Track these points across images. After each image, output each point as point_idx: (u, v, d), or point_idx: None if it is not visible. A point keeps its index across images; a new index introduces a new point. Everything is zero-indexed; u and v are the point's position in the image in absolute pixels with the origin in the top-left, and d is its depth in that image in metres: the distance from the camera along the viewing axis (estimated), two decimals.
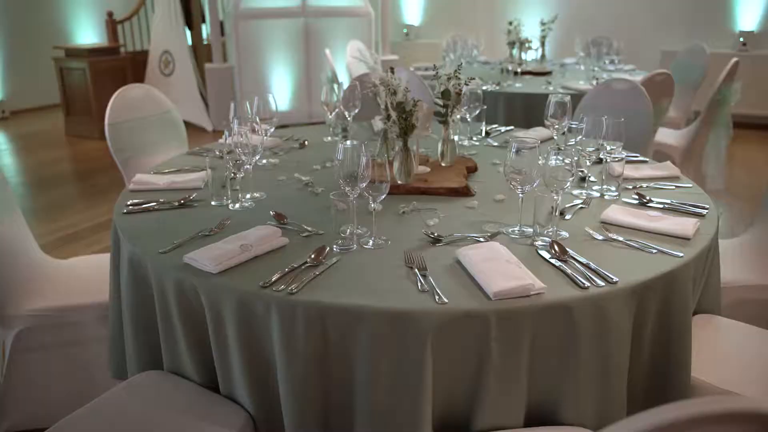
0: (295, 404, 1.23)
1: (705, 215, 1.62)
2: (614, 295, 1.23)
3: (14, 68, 7.02)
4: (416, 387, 1.16)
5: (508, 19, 4.58)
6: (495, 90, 3.66)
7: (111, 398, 1.39)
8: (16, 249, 1.90)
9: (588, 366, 1.24)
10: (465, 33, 5.78)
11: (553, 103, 2.12)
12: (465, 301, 1.18)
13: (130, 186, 1.86)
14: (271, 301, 1.20)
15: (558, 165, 1.46)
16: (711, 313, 1.71)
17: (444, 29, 6.65)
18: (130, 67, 6.25)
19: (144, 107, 2.67)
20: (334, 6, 6.33)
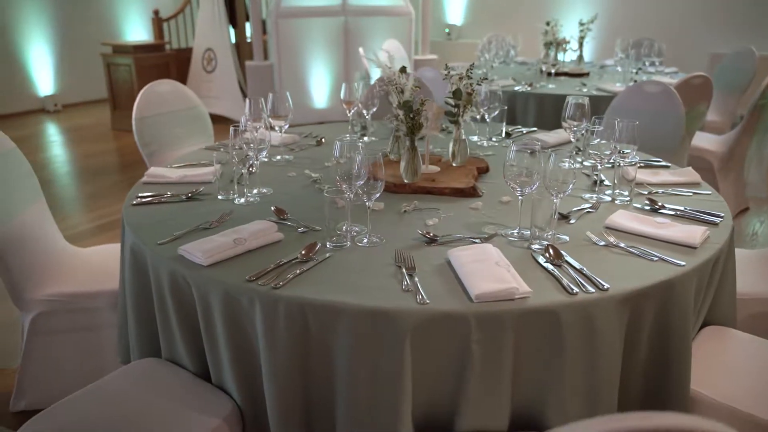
0: (278, 397, 1.24)
1: (718, 224, 1.55)
2: (603, 302, 1.20)
3: (67, 64, 7.30)
4: (395, 384, 1.16)
5: (553, 19, 4.49)
6: (526, 91, 3.60)
7: (108, 382, 1.43)
8: (37, 236, 1.98)
9: (575, 373, 1.20)
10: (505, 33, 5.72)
11: (571, 104, 2.07)
12: (446, 301, 1.17)
13: (144, 179, 1.90)
14: (255, 295, 1.22)
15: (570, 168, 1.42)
16: (724, 326, 1.64)
17: (486, 29, 6.58)
18: (174, 64, 6.42)
19: (171, 102, 2.74)
20: (374, 5, 6.35)
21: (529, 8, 7.20)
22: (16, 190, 1.96)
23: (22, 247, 1.88)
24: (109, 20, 7.66)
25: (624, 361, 1.30)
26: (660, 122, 2.71)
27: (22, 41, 6.92)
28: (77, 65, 7.23)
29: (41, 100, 7.22)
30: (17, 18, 6.86)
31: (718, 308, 1.62)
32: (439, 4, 7.94)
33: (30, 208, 1.99)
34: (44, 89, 7.22)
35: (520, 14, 7.18)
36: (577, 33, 4.58)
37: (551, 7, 6.96)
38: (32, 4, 6.95)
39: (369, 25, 6.34)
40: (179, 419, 1.29)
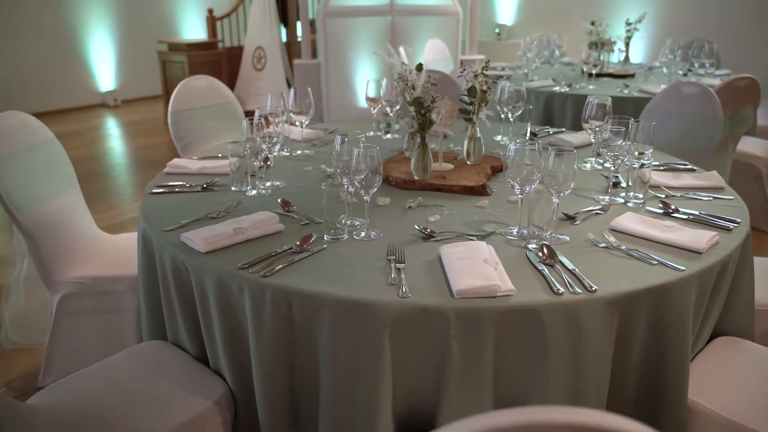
0: (265, 382, 1.28)
1: (731, 230, 1.49)
2: (589, 304, 1.17)
3: (127, 61, 7.63)
4: (373, 376, 1.17)
5: (606, 19, 4.39)
6: (564, 91, 3.53)
7: (113, 361, 1.50)
8: (69, 221, 2.08)
9: (560, 375, 1.19)
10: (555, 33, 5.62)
11: (593, 104, 2.02)
12: (428, 296, 1.17)
13: (166, 169, 1.98)
14: (245, 283, 1.25)
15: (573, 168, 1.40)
16: (740, 336, 1.57)
17: (537, 29, 6.47)
18: (226, 61, 6.61)
19: (206, 97, 2.84)
20: (422, 5, 6.34)
21: (581, 8, 7.04)
22: (52, 177, 2.08)
23: (53, 230, 1.99)
24: (168, 19, 7.95)
25: (616, 367, 1.27)
26: (696, 125, 2.61)
27: (87, 39, 7.27)
28: (136, 62, 7.54)
29: (102, 95, 7.57)
30: (83, 17, 7.22)
31: (733, 318, 1.56)
32: (489, 4, 7.86)
33: (64, 194, 2.10)
34: (105, 85, 7.56)
35: (572, 14, 7.03)
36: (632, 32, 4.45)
37: (606, 7, 6.78)
38: (97, 3, 7.29)
39: (416, 24, 6.33)
40: (172, 400, 1.34)
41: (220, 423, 1.33)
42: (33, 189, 1.95)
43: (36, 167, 2.00)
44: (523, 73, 4.14)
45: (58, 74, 7.06)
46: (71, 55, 7.19)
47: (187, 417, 1.29)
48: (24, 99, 6.82)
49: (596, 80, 3.94)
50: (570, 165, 1.39)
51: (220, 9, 7.31)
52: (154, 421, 1.28)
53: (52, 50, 7.00)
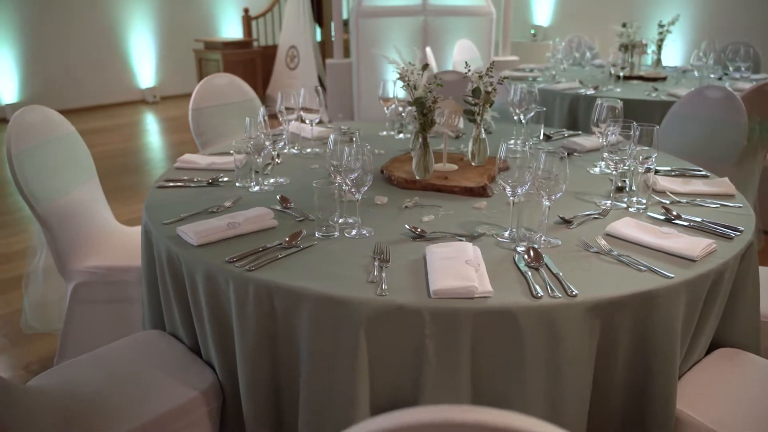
0: (248, 375, 1.30)
1: (732, 238, 1.45)
2: (568, 309, 1.16)
3: (167, 58, 7.82)
4: (350, 372, 1.18)
5: (643, 21, 4.29)
6: (589, 94, 3.47)
7: (112, 349, 1.56)
8: (86, 212, 2.16)
9: (538, 379, 1.18)
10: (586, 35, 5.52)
11: (603, 107, 1.99)
12: (405, 295, 1.18)
13: (176, 164, 2.03)
14: (230, 276, 1.28)
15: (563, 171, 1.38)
16: (742, 348, 1.52)
17: (573, 30, 6.36)
18: (260, 60, 6.72)
19: (227, 95, 2.89)
20: (455, 5, 6.32)
21: (620, 9, 6.89)
22: (71, 169, 2.15)
23: (70, 221, 2.07)
24: (207, 18, 8.12)
25: (600, 374, 1.25)
26: (721, 130, 2.54)
27: (128, 38, 7.49)
28: (175, 60, 7.72)
29: (142, 91, 7.78)
30: (125, 16, 7.44)
31: (735, 329, 1.52)
32: (525, 5, 7.77)
33: (82, 186, 2.18)
34: (145, 82, 7.77)
35: (610, 15, 6.88)
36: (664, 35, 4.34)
37: (645, 9, 6.63)
38: (139, 3, 7.50)
39: (448, 24, 6.32)
40: (162, 388, 1.38)
41: (205, 413, 1.37)
42: (52, 181, 2.03)
43: (56, 160, 2.08)
44: (551, 75, 4.09)
45: (100, 71, 7.30)
46: (113, 53, 7.41)
47: (172, 405, 1.33)
48: (68, 95, 7.08)
49: (625, 83, 3.86)
50: (562, 167, 1.38)
51: (256, 8, 7.43)
52: (142, 408, 1.32)
53: (96, 48, 7.23)
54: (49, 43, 6.85)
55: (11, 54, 6.62)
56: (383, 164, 1.96)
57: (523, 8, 7.76)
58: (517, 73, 4.32)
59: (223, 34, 8.16)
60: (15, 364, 2.38)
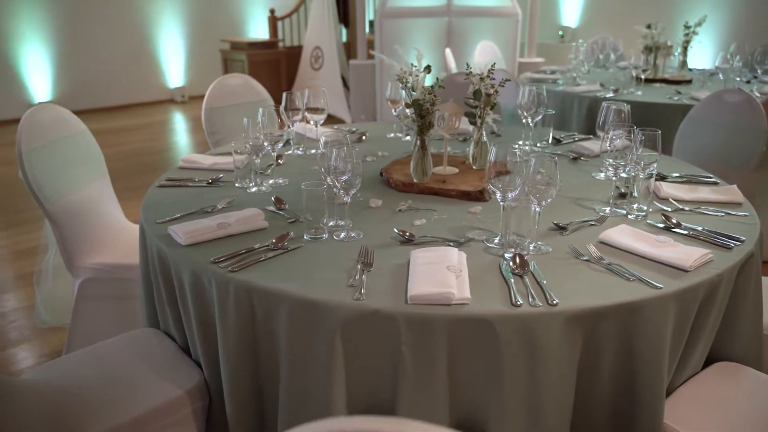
0: (230, 376, 1.31)
1: (731, 248, 1.40)
2: (547, 318, 1.13)
3: (194, 58, 7.94)
4: (326, 376, 1.17)
5: (674, 22, 4.20)
6: (608, 97, 3.39)
7: (106, 345, 1.58)
8: (94, 210, 2.20)
9: (516, 389, 1.15)
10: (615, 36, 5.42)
11: (610, 111, 1.94)
12: (382, 300, 1.17)
13: (180, 164, 2.06)
14: (213, 276, 1.29)
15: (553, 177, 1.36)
16: (742, 363, 1.47)
17: (601, 31, 6.26)
18: (285, 60, 6.77)
19: (240, 95, 2.92)
20: (480, 6, 6.27)
21: (650, 10, 6.74)
22: (81, 167, 2.20)
23: (78, 218, 2.11)
24: (235, 18, 8.22)
25: (584, 386, 1.22)
26: (738, 135, 2.46)
27: (158, 38, 7.63)
28: (203, 60, 7.83)
29: (171, 91, 7.91)
30: (155, 17, 7.58)
31: (734, 343, 1.47)
32: (553, 5, 7.67)
33: (92, 184, 2.22)
34: (174, 81, 7.90)
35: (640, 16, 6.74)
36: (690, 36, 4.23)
37: (676, 10, 6.47)
38: (169, 3, 7.63)
39: (473, 25, 6.27)
40: (148, 386, 1.40)
41: (189, 412, 1.38)
42: (61, 179, 2.07)
43: (66, 158, 2.12)
44: (571, 77, 4.02)
45: (130, 70, 7.45)
46: (143, 53, 7.56)
47: (157, 403, 1.34)
48: (98, 93, 7.25)
49: (648, 86, 3.77)
50: (552, 172, 1.35)
51: (283, 9, 7.49)
52: (127, 405, 1.34)
53: (126, 48, 7.38)
54: (81, 43, 7.02)
55: (45, 53, 6.81)
56: (384, 166, 1.95)
57: (551, 9, 7.66)
58: (537, 75, 4.27)
59: (251, 35, 8.25)
60: (29, 356, 2.44)
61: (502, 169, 1.41)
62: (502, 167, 1.44)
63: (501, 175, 1.39)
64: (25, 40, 6.64)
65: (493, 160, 1.38)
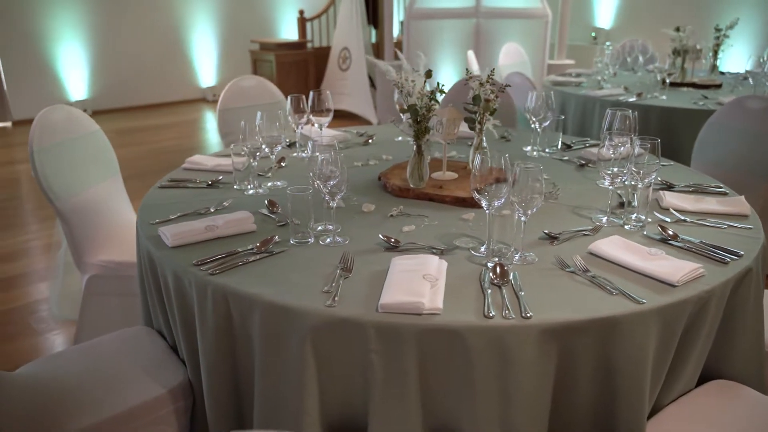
0: (208, 376, 1.32)
1: (728, 263, 1.34)
2: (519, 331, 1.11)
3: (226, 58, 8.06)
4: (297, 383, 1.17)
5: (714, 23, 4.09)
6: (630, 101, 3.31)
7: (99, 342, 1.62)
8: (104, 208, 2.25)
9: (489, 403, 1.13)
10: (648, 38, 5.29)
11: (616, 117, 1.89)
12: (354, 307, 1.16)
13: (184, 165, 2.09)
14: (193, 279, 1.30)
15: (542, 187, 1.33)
16: (741, 382, 1.42)
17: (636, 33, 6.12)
18: (313, 61, 6.81)
19: (255, 96, 2.95)
20: (509, 7, 6.20)
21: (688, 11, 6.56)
22: (92, 167, 2.25)
23: (87, 216, 2.16)
24: (267, 19, 8.32)
25: (561, 402, 1.19)
26: (760, 143, 2.37)
27: (191, 37, 7.77)
28: (235, 60, 7.94)
29: (202, 90, 8.05)
30: (188, 17, 7.72)
31: (733, 361, 1.42)
32: (587, 6, 7.53)
33: (103, 183, 2.27)
34: (206, 81, 8.04)
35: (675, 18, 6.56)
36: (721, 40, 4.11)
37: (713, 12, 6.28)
38: (202, 4, 7.76)
39: (502, 27, 6.20)
40: (133, 383, 1.42)
41: (171, 411, 1.39)
42: (71, 177, 2.12)
43: (76, 157, 2.18)
44: (596, 80, 3.94)
45: (163, 70, 7.61)
46: (176, 53, 7.71)
47: (138, 401, 1.36)
48: (132, 92, 7.42)
49: (674, 90, 3.66)
50: (537, 181, 1.32)
51: (313, 10, 7.55)
52: (109, 402, 1.36)
53: (160, 47, 7.55)
54: (117, 43, 7.20)
55: (82, 53, 7.01)
56: (383, 171, 1.94)
57: (584, 10, 7.52)
58: (562, 78, 4.19)
59: (282, 36, 8.34)
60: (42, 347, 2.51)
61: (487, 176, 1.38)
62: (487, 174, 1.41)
63: (487, 183, 1.37)
64: (63, 39, 6.85)
65: (478, 167, 1.35)
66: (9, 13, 6.47)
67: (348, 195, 1.79)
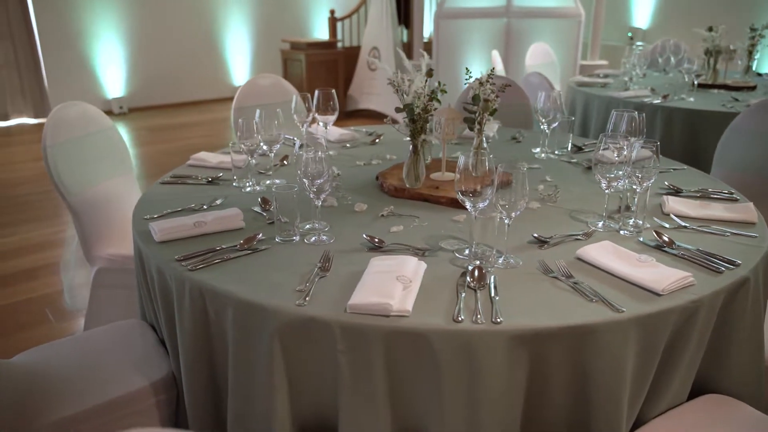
0: (186, 371, 1.33)
1: (722, 272, 1.28)
2: (488, 336, 1.08)
3: (259, 57, 8.16)
4: (267, 379, 1.17)
5: (752, 24, 3.95)
6: (655, 103, 3.21)
7: (92, 333, 1.65)
8: (115, 204, 2.29)
9: (456, 407, 1.11)
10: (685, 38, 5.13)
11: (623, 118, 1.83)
12: (323, 307, 1.15)
13: (188, 162, 2.11)
14: (173, 274, 1.31)
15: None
16: (737, 397, 1.35)
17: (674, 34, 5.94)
18: (342, 61, 6.83)
19: (270, 95, 2.96)
20: (541, 6, 6.09)
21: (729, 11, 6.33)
22: (104, 163, 2.30)
23: (98, 209, 2.21)
24: (299, 19, 8.39)
25: (534, 411, 1.16)
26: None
27: (225, 36, 7.89)
28: (268, 59, 8.02)
29: (235, 89, 8.14)
30: (222, 15, 7.84)
31: (727, 375, 1.36)
32: (624, 6, 7.34)
33: (114, 179, 2.32)
34: (239, 80, 8.15)
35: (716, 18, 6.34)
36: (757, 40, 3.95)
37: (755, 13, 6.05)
38: (236, 4, 7.88)
39: (533, 27, 6.10)
40: (118, 375, 1.44)
41: (153, 404, 1.41)
42: (83, 173, 2.17)
43: (89, 154, 2.23)
44: (623, 81, 3.84)
45: (197, 68, 7.74)
46: (210, 52, 7.84)
47: (120, 393, 1.39)
48: (166, 90, 7.58)
49: (704, 92, 3.54)
50: (520, 183, 1.29)
51: (344, 10, 7.58)
52: (93, 392, 1.38)
53: (194, 46, 7.69)
54: (153, 42, 7.37)
55: (121, 51, 7.19)
56: (382, 170, 1.93)
57: (621, 9, 7.34)
58: (588, 78, 4.10)
59: (315, 35, 8.39)
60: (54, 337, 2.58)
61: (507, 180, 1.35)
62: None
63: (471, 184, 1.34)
64: (102, 37, 7.04)
65: (461, 167, 1.33)
66: (52, 11, 6.68)
67: (343, 194, 1.78)
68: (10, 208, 4.16)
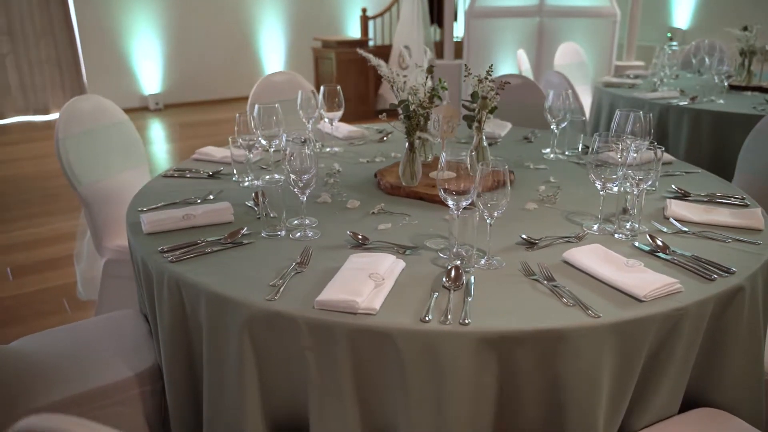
0: (166, 362, 1.34)
1: (714, 279, 1.22)
2: (454, 338, 1.05)
3: (293, 55, 8.23)
4: (237, 373, 1.17)
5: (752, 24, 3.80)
6: (682, 105, 3.10)
7: (87, 323, 1.68)
8: (126, 195, 2.30)
9: (422, 409, 1.08)
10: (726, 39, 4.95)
11: (630, 118, 1.77)
12: (292, 302, 1.14)
13: (193, 155, 2.14)
14: (155, 266, 1.32)
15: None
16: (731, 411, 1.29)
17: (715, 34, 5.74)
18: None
19: (286, 91, 2.97)
20: (574, 6, 5.97)
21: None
22: (117, 155, 2.34)
23: (110, 202, 2.25)
24: (332, 17, 8.42)
25: (506, 417, 1.12)
26: None
27: (259, 34, 7.99)
28: (300, 57, 8.08)
29: None
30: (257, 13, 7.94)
31: (722, 387, 1.30)
32: (664, 5, 7.13)
33: (126, 172, 2.36)
34: None
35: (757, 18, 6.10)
36: None
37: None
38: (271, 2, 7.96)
39: (566, 26, 5.99)
40: (105, 364, 1.47)
41: (137, 394, 1.42)
42: (95, 165, 2.22)
43: (102, 146, 2.27)
44: (651, 82, 3.72)
45: (230, 65, 7.86)
46: (243, 49, 7.95)
47: (106, 382, 1.40)
48: (201, 87, 7.72)
49: (737, 94, 3.40)
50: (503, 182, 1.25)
51: (376, 8, 7.58)
52: (79, 381, 1.41)
53: (228, 43, 7.80)
54: (189, 39, 7.51)
55: (158, 49, 7.36)
56: (382, 168, 1.91)
57: (660, 9, 7.13)
58: (616, 79, 3.99)
59: (348, 33, 8.42)
60: None
61: (454, 174, 1.33)
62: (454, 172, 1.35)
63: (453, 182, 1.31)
64: (139, 35, 7.22)
65: (443, 165, 1.30)
66: (92, 9, 6.88)
67: (339, 191, 1.77)
68: (42, 199, 4.30)
